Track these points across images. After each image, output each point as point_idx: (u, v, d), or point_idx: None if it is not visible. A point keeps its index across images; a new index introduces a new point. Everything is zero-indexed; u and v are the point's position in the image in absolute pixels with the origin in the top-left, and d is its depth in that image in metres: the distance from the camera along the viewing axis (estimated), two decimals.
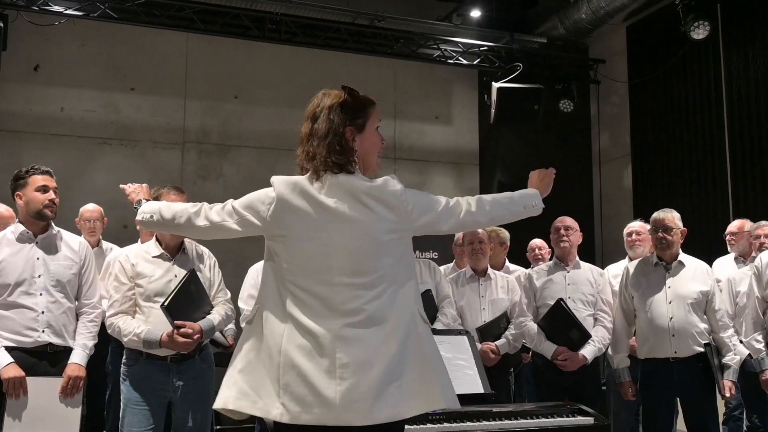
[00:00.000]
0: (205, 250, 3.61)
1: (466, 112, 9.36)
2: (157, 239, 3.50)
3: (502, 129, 8.87)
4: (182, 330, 3.25)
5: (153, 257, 3.44)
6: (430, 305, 4.25)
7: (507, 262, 5.49)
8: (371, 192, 2.15)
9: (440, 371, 2.16)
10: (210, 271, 3.55)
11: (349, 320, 2.06)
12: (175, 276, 3.40)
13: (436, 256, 7.51)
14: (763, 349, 4.11)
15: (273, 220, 2.12)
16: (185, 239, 3.50)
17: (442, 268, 5.32)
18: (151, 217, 2.38)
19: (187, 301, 3.30)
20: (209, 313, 3.42)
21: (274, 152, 8.18)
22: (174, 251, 3.47)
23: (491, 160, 9.16)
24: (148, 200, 2.63)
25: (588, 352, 4.24)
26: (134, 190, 2.77)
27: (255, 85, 8.39)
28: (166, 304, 3.21)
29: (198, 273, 3.42)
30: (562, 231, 4.52)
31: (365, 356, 2.04)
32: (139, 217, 2.45)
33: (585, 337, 4.25)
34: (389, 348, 2.07)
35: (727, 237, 5.39)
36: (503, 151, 9.03)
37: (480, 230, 4.74)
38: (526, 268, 5.29)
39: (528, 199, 2.48)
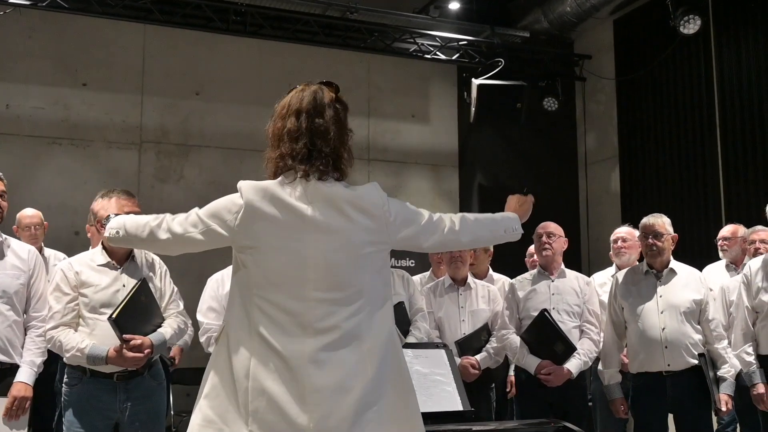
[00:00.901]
0: (156, 258, 3.56)
1: (445, 110, 9.40)
2: (104, 246, 3.43)
3: (483, 128, 8.92)
4: (131, 344, 3.19)
5: (99, 266, 3.37)
6: (403, 318, 4.25)
7: (491, 270, 5.52)
8: (352, 200, 2.13)
9: (414, 394, 2.18)
10: (161, 281, 3.50)
11: (323, 339, 2.03)
12: (124, 286, 3.34)
13: (413, 265, 7.53)
14: (754, 362, 4.16)
15: (241, 230, 2.08)
16: None
17: (418, 277, 5.34)
18: (117, 232, 2.34)
19: (136, 313, 3.24)
20: (160, 326, 3.37)
21: (239, 153, 8.15)
22: (122, 259, 3.42)
23: (471, 162, 9.20)
24: (116, 215, 2.60)
25: (573, 365, 4.27)
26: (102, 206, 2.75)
27: (218, 81, 8.35)
28: (113, 316, 3.14)
29: (149, 283, 3.37)
30: (545, 238, 4.55)
31: (341, 379, 2.02)
32: (106, 234, 2.43)
33: (570, 350, 4.28)
34: (366, 370, 2.05)
35: (720, 242, 5.44)
36: (484, 151, 9.08)
37: None
38: (512, 276, 5.31)
39: (509, 222, 2.51)
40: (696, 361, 4.04)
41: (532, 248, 5.98)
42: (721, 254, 5.45)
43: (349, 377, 2.03)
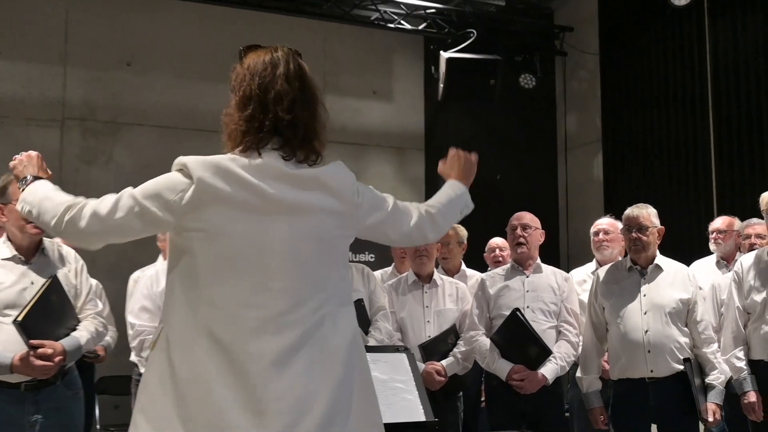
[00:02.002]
0: (71, 252, 3.48)
1: (410, 86, 9.41)
2: (9, 237, 3.34)
3: (452, 107, 8.96)
4: (40, 351, 3.11)
5: (3, 260, 3.29)
6: (362, 318, 4.27)
7: (463, 266, 5.56)
8: (318, 178, 2.11)
9: (378, 406, 2.18)
10: (77, 278, 3.43)
11: (286, 338, 2.00)
12: (32, 283, 3.26)
13: (372, 259, 7.54)
14: (745, 367, 4.25)
15: (190, 211, 2.02)
16: (45, 237, 3.37)
17: (378, 273, 5.36)
18: (30, 211, 2.22)
19: (46, 314, 3.17)
20: (75, 330, 3.31)
21: (177, 133, 8.07)
22: (30, 253, 3.34)
23: (439, 145, 9.22)
24: (39, 177, 2.43)
25: (549, 371, 4.32)
26: (20, 161, 2.58)
27: (153, 50, 8.26)
28: (19, 319, 3.07)
29: (61, 280, 3.29)
30: (519, 231, 4.60)
31: (305, 385, 1.99)
32: (18, 206, 2.30)
33: (545, 353, 4.34)
34: (333, 374, 2.03)
35: (713, 235, 5.52)
36: (453, 133, 9.11)
37: None
38: (485, 271, 5.36)
39: (463, 200, 2.53)
40: (682, 367, 4.10)
41: (493, 241, 6.05)
42: (713, 248, 5.53)
43: (315, 382, 2.00)
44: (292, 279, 2.04)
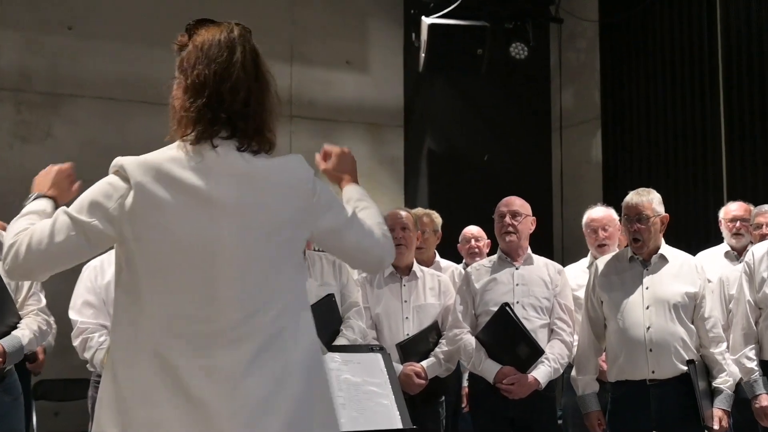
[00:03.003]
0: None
1: (387, 56, 9.39)
2: None
3: (435, 80, 8.95)
4: None
5: None
6: (333, 315, 4.29)
7: (438, 256, 5.57)
8: (271, 172, 2.15)
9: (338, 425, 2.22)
10: None
11: (240, 351, 2.04)
12: None
13: None
14: (756, 368, 4.31)
15: (126, 220, 2.06)
16: None
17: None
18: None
19: None
20: (15, 328, 3.31)
21: (125, 106, 8.02)
22: None
23: (420, 121, 9.24)
24: (44, 195, 2.42)
25: (541, 373, 4.36)
26: (41, 173, 2.51)
27: (98, 12, 8.18)
28: None
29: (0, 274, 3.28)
30: (508, 219, 4.61)
31: (263, 400, 2.03)
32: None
33: (537, 353, 4.37)
34: (293, 391, 2.07)
35: (733, 224, 5.57)
36: (435, 109, 9.12)
37: (403, 213, 4.80)
38: (460, 263, 5.40)
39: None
40: (686, 368, 4.13)
41: (468, 231, 6.06)
42: (731, 240, 5.59)
43: (274, 400, 2.04)
44: (243, 287, 2.08)
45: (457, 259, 6.00)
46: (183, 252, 2.06)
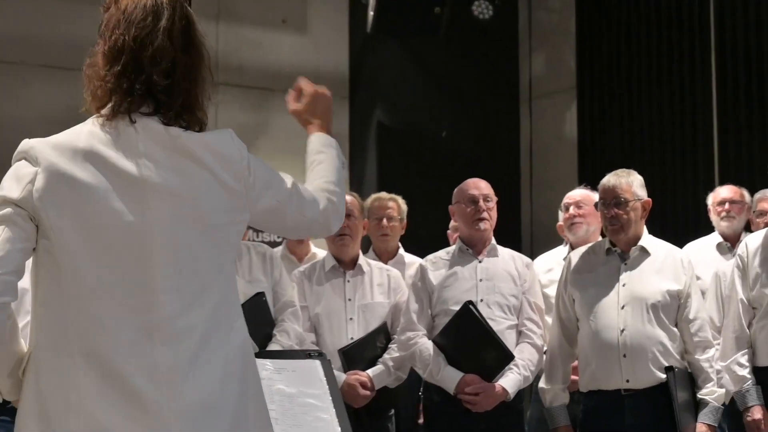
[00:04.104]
0: None
1: (330, 14, 9.35)
2: None
3: (385, 43, 8.92)
4: None
5: None
6: (263, 317, 4.28)
7: (401, 250, 5.56)
8: (200, 150, 2.17)
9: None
10: None
11: (179, 348, 2.08)
12: None
13: (280, 239, 7.51)
14: (749, 376, 4.36)
15: (43, 207, 2.07)
16: None
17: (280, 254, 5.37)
18: None
19: None
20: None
21: (19, 69, 7.89)
22: None
23: (367, 91, 9.21)
24: None
25: (509, 382, 4.37)
26: None
27: None
28: None
29: None
30: (482, 203, 4.59)
31: (208, 403, 2.09)
32: None
33: (506, 359, 4.38)
34: (232, 387, 2.14)
35: (722, 207, 5.63)
36: (386, 77, 9.09)
37: (348, 197, 4.78)
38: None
39: (341, 160, 2.61)
40: (665, 376, 4.17)
41: None
42: (720, 225, 5.65)
43: (217, 396, 2.11)
44: (179, 276, 2.12)
45: (414, 251, 6.00)
46: (111, 239, 2.09)
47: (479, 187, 4.65)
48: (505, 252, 4.70)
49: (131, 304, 2.08)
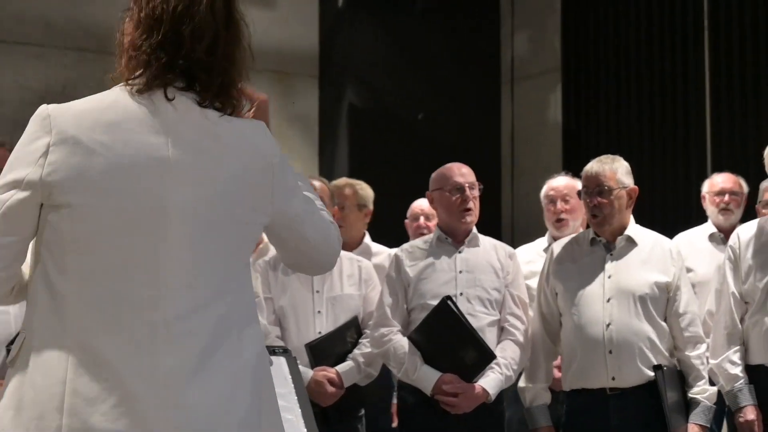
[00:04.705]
0: None
1: None
2: None
3: (358, 19, 8.91)
4: None
5: None
6: None
7: (367, 238, 5.56)
8: (237, 140, 2.19)
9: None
10: None
11: (185, 352, 2.07)
12: None
13: None
14: (741, 374, 4.38)
15: (53, 180, 2.05)
16: None
17: None
18: None
19: None
20: None
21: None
22: None
23: (339, 70, 9.20)
24: None
25: (490, 382, 4.37)
26: None
27: None
28: None
29: None
30: (468, 191, 4.59)
31: (211, 412, 2.07)
32: None
33: (487, 358, 4.37)
34: (242, 396, 2.13)
35: (721, 198, 5.66)
36: (359, 55, 9.07)
37: (317, 183, 4.77)
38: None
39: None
40: (653, 374, 4.20)
41: (418, 205, 6.02)
42: (718, 218, 5.69)
43: (222, 407, 2.08)
44: (194, 272, 2.11)
45: (389, 241, 6.01)
46: (127, 221, 2.08)
47: (464, 173, 4.63)
48: (486, 241, 4.69)
49: (137, 297, 2.07)
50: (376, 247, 5.52)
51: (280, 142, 2.39)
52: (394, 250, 5.21)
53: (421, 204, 5.94)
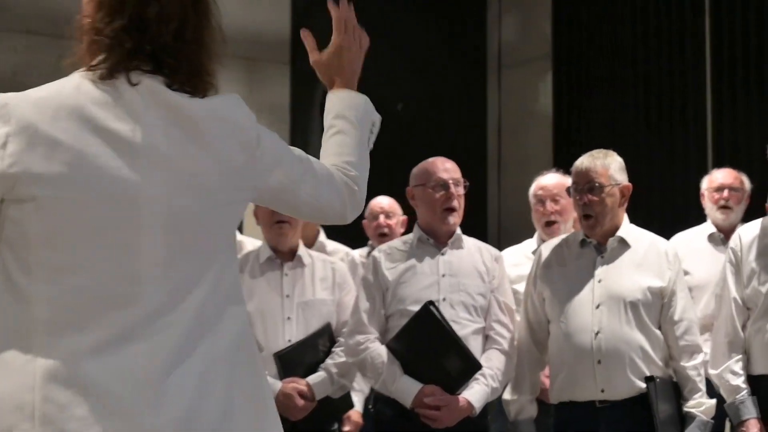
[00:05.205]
0: None
1: None
2: None
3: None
4: None
5: None
6: None
7: (322, 236, 5.54)
8: (207, 116, 2.18)
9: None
10: None
11: (164, 348, 2.07)
12: None
13: None
14: (743, 386, 4.36)
15: (15, 171, 2.04)
16: None
17: None
18: None
19: None
20: None
21: None
22: None
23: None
24: None
25: (475, 394, 4.36)
26: None
27: None
28: None
29: None
30: (452, 188, 4.57)
31: (188, 416, 2.08)
32: None
33: (472, 368, 4.37)
34: (215, 392, 2.13)
35: (720, 194, 5.67)
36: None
37: None
38: (355, 247, 5.34)
39: (370, 119, 2.65)
40: (645, 386, 4.20)
41: (377, 202, 6.01)
42: (719, 216, 5.70)
43: (198, 407, 2.09)
44: (171, 262, 2.12)
45: (354, 242, 5.98)
46: (96, 214, 2.07)
47: (448, 169, 4.61)
48: (471, 243, 4.68)
49: (110, 293, 2.07)
50: (331, 245, 5.51)
51: None
52: (351, 251, 5.22)
53: (380, 201, 5.94)
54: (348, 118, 2.58)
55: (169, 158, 2.12)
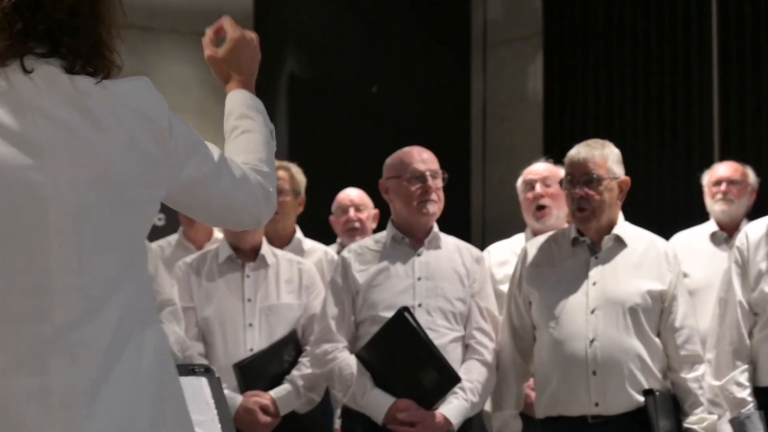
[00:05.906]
0: None
1: None
2: None
3: None
4: None
5: None
6: None
7: (299, 233, 5.56)
8: (117, 107, 2.15)
9: None
10: None
11: (79, 366, 2.05)
12: None
13: (162, 223, 7.48)
14: (749, 398, 4.35)
15: None
16: None
17: (155, 245, 5.39)
18: None
19: None
20: None
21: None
22: None
23: (277, 34, 9.18)
24: None
25: (453, 409, 4.37)
26: None
27: None
28: None
29: None
30: (430, 180, 4.55)
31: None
32: None
33: (450, 381, 4.38)
34: (144, 411, 2.11)
35: (719, 187, 5.72)
36: (301, 17, 9.08)
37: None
38: (333, 243, 5.34)
39: (269, 126, 2.62)
40: (642, 399, 4.22)
41: (346, 195, 5.98)
42: (717, 208, 5.74)
43: (126, 427, 2.07)
44: (84, 270, 2.09)
45: (328, 238, 5.99)
46: (0, 218, 2.05)
47: (425, 159, 4.60)
48: (450, 242, 4.68)
49: (20, 307, 2.04)
50: (309, 243, 5.48)
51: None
52: (334, 249, 5.21)
53: (349, 193, 5.94)
54: (253, 118, 2.56)
55: (73, 153, 2.09)
